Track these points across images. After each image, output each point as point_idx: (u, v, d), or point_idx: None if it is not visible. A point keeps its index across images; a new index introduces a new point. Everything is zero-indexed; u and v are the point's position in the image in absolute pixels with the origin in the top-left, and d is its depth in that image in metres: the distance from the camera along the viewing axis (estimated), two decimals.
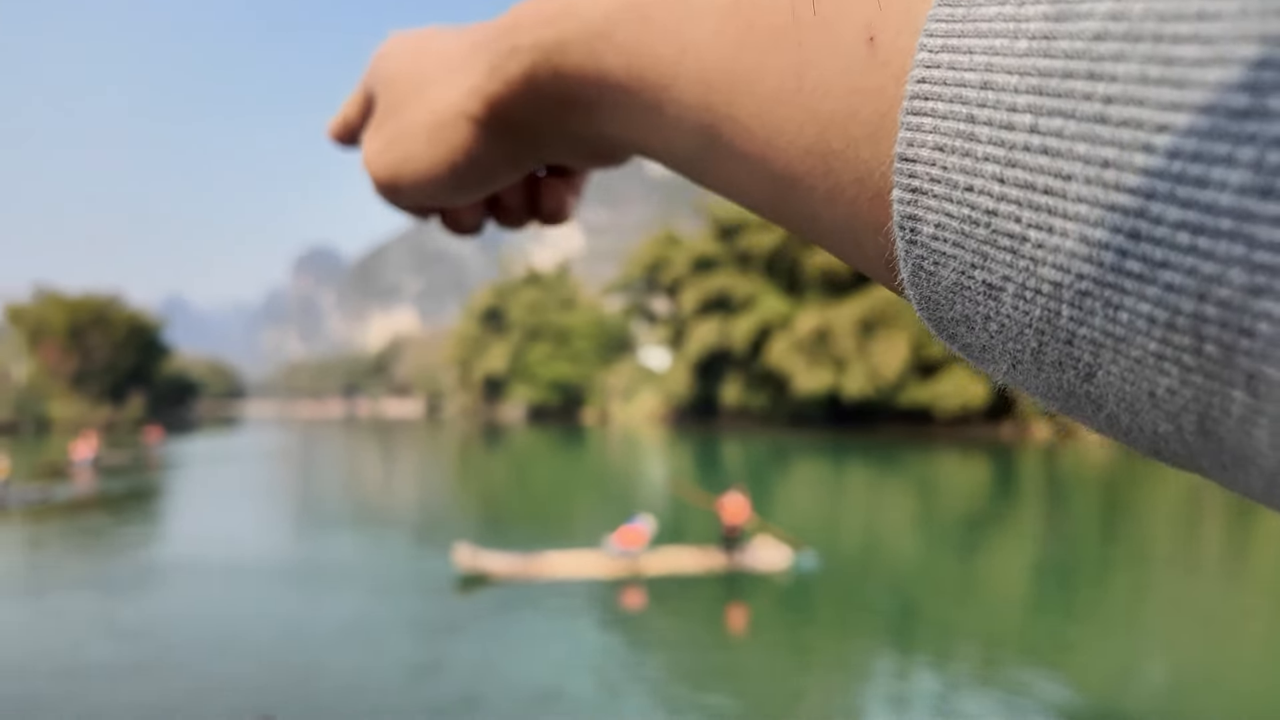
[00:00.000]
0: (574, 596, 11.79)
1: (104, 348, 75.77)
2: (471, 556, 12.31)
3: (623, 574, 12.47)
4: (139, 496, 25.50)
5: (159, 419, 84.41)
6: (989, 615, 11.20)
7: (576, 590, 12.05)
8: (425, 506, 26.74)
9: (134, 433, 56.13)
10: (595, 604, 11.52)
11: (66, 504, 22.47)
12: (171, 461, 37.81)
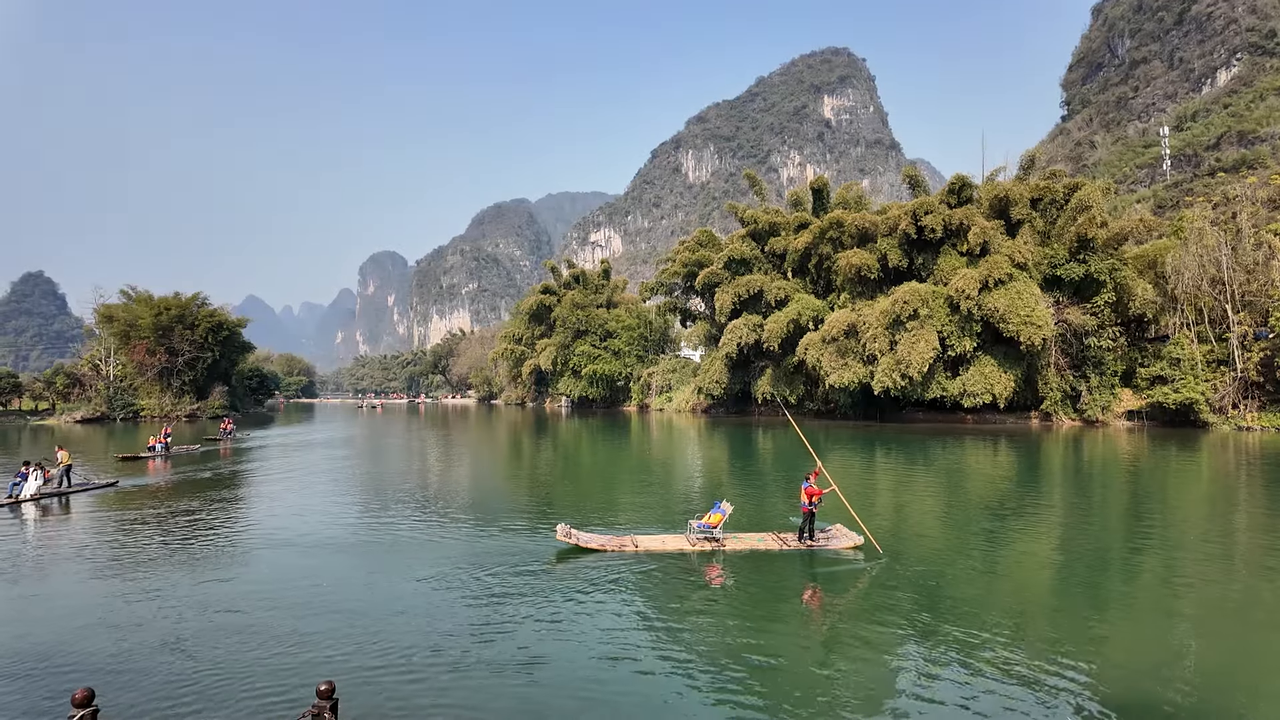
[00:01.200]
0: (660, 568, 13.07)
1: (188, 345, 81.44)
2: (569, 533, 14.35)
3: (704, 551, 14.07)
4: (207, 482, 26.87)
5: (239, 411, 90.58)
6: (1019, 599, 11.48)
7: (663, 563, 13.41)
8: (522, 486, 29.46)
9: (215, 422, 60.14)
10: (679, 575, 12.70)
11: (132, 490, 23.62)
12: (244, 448, 40.34)
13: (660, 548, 14.31)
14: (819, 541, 14.43)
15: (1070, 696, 7.78)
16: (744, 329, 67.88)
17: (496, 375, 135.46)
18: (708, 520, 14.72)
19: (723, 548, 14.27)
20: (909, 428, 53.09)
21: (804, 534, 14.50)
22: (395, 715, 7.31)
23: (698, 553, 14.04)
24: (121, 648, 9.23)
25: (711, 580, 12.55)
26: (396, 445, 44.26)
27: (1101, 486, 24.75)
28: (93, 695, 4.70)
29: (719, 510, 14.89)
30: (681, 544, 14.42)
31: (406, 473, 30.05)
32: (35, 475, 21.98)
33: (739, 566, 13.37)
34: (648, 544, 14.50)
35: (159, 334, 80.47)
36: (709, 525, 14.58)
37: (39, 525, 18.25)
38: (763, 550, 14.25)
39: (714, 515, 14.78)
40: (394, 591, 11.80)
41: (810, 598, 11.81)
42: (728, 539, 14.60)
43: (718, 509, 14.95)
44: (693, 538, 14.59)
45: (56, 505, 21.02)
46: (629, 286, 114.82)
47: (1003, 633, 9.76)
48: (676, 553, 14.03)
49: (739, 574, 12.91)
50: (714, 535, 14.52)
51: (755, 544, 14.54)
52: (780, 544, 14.52)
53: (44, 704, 7.61)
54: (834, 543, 14.46)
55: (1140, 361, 54.22)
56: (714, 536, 14.51)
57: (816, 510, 14.51)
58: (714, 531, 14.53)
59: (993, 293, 53.38)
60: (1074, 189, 58.25)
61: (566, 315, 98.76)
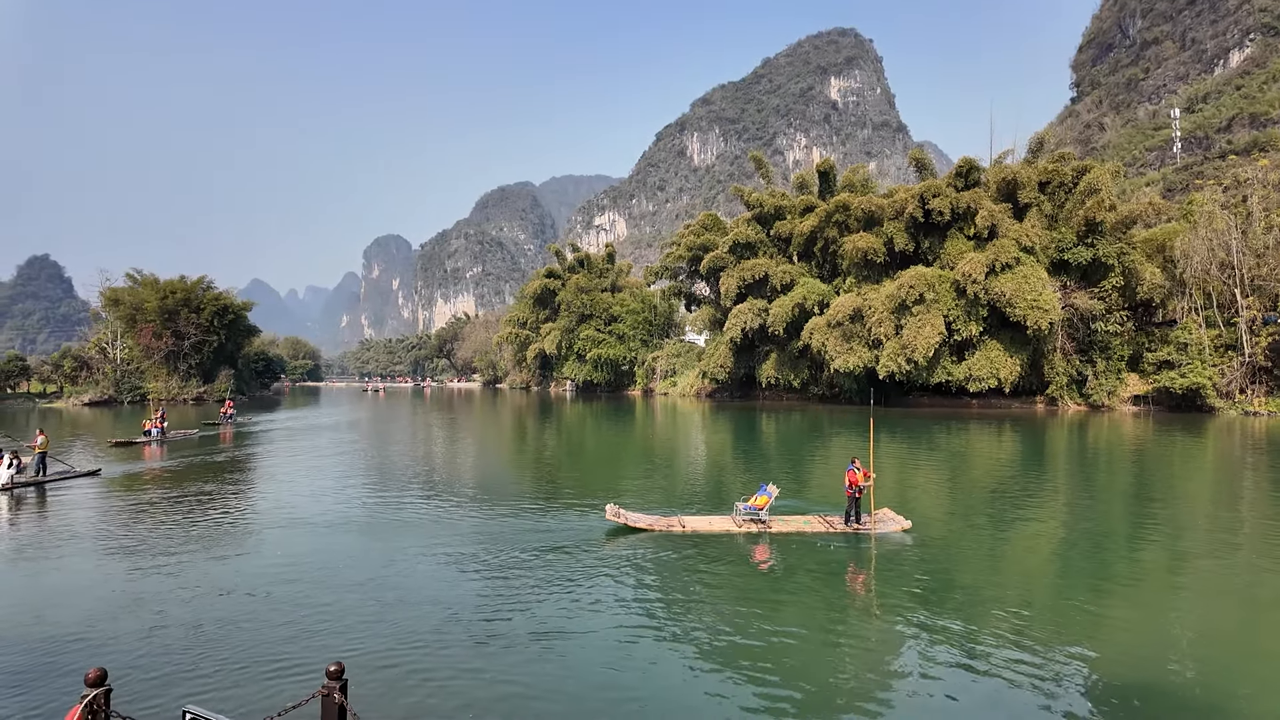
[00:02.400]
0: (706, 549, 13.23)
1: (194, 328, 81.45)
2: (618, 513, 14.57)
3: (750, 532, 14.21)
4: (203, 468, 27.05)
5: (245, 394, 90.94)
6: (1023, 581, 11.52)
7: (709, 544, 13.56)
8: (558, 465, 29.59)
9: (218, 406, 60.28)
10: (724, 555, 12.84)
11: (119, 477, 22.32)
12: (247, 432, 39.97)
13: (707, 528, 14.49)
14: (866, 525, 14.49)
15: (1077, 678, 7.85)
16: (749, 313, 67.73)
17: (501, 359, 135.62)
18: (754, 502, 14.86)
19: (769, 529, 14.41)
20: (913, 412, 53.06)
21: (850, 517, 14.59)
22: (408, 693, 7.38)
23: (744, 534, 14.18)
24: (125, 631, 9.33)
25: (757, 561, 12.64)
26: (404, 428, 44.39)
27: (1107, 470, 24.72)
28: (105, 675, 4.75)
29: (765, 492, 15.02)
30: (728, 525, 14.60)
31: (418, 456, 30.09)
32: (6, 463, 20.17)
33: (785, 548, 13.46)
34: (695, 524, 14.70)
35: (165, 317, 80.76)
36: (755, 507, 14.71)
37: (10, 515, 17.17)
38: (809, 533, 14.38)
39: (760, 497, 14.92)
40: (414, 571, 11.93)
41: (854, 580, 11.85)
42: (774, 521, 14.76)
43: (764, 491, 15.09)
44: (739, 519, 14.75)
45: (32, 495, 19.58)
46: (633, 270, 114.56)
47: (1038, 620, 9.79)
48: (723, 534, 14.18)
49: (785, 556, 13.00)
50: (760, 517, 14.66)
51: (801, 526, 14.69)
52: (827, 526, 14.64)
53: (58, 682, 7.71)
54: (882, 526, 14.52)
55: (1147, 346, 54.00)
56: (760, 518, 14.66)
57: (860, 495, 14.59)
58: (760, 513, 14.67)
59: (1000, 277, 53.12)
60: (1083, 172, 57.75)
61: (571, 299, 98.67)
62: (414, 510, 17.31)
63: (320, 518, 16.33)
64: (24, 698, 7.39)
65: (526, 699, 7.35)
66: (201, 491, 20.03)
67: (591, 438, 38.67)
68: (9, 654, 8.55)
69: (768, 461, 27.21)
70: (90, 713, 4.70)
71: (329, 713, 4.96)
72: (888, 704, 7.36)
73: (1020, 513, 16.76)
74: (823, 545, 13.66)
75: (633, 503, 17.24)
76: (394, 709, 7.07)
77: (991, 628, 9.32)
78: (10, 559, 12.98)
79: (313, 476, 23.11)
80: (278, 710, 5.73)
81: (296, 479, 22.64)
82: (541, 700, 7.33)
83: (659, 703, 7.34)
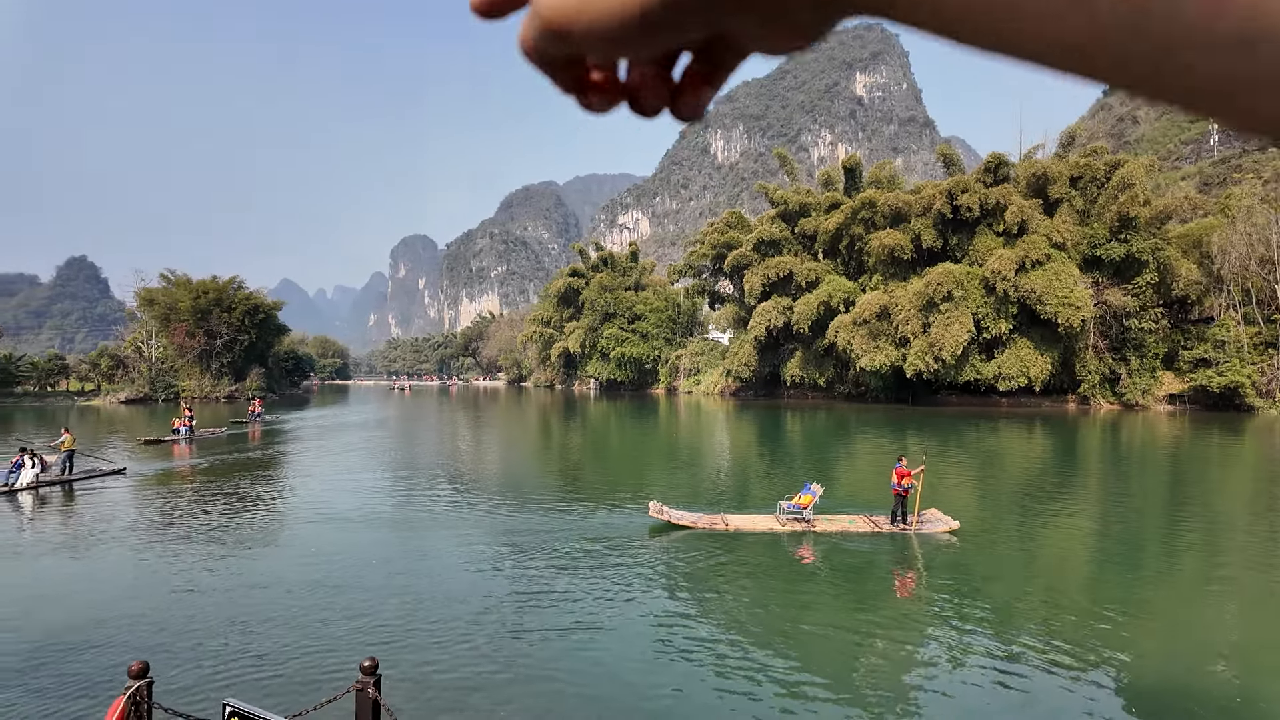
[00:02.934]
0: (750, 546, 13.28)
1: (226, 327, 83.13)
2: (660, 510, 14.69)
3: (794, 531, 14.19)
4: (231, 466, 27.52)
5: (275, 393, 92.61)
6: (1064, 582, 11.31)
7: (754, 542, 13.63)
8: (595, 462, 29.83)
9: (248, 404, 61.23)
10: (770, 553, 12.90)
11: (146, 476, 22.44)
12: (276, 430, 40.40)
13: (750, 527, 14.49)
14: (912, 525, 14.37)
15: (1113, 684, 7.73)
16: (773, 311, 67.37)
17: (525, 358, 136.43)
18: (798, 501, 14.83)
19: (813, 529, 14.36)
20: (941, 411, 52.43)
21: (896, 517, 14.47)
22: (442, 688, 7.46)
23: (788, 533, 14.16)
24: (163, 625, 9.55)
25: (800, 560, 12.59)
26: (433, 426, 44.86)
27: (1141, 470, 24.22)
28: (147, 667, 4.87)
29: (809, 491, 15.00)
30: (771, 524, 14.56)
31: (448, 453, 30.31)
32: (31, 463, 20.37)
33: (829, 548, 13.40)
34: (738, 523, 14.70)
35: (198, 317, 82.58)
36: (799, 506, 14.68)
37: (34, 514, 17.34)
38: (854, 532, 14.29)
39: (804, 496, 14.90)
40: (448, 567, 12.08)
41: (898, 581, 11.71)
42: (818, 520, 14.70)
43: (808, 490, 15.08)
44: (782, 518, 14.74)
45: (58, 494, 19.71)
46: (657, 269, 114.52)
47: (1077, 623, 9.64)
48: (766, 532, 14.19)
49: (829, 555, 12.93)
50: (804, 516, 14.62)
51: (846, 526, 14.59)
52: (872, 526, 14.52)
53: (98, 676, 7.91)
54: (928, 526, 14.39)
55: (1183, 344, 52.75)
56: (804, 517, 14.61)
57: (908, 494, 14.44)
58: (804, 512, 14.63)
59: (1030, 273, 52.26)
60: (1116, 166, 56.56)
61: (594, 298, 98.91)
62: (446, 507, 17.46)
63: (352, 513, 16.54)
64: (68, 689, 7.58)
65: (561, 695, 7.38)
66: (229, 488, 20.23)
67: (617, 436, 38.77)
68: (52, 646, 8.76)
69: (794, 460, 27.03)
70: (133, 704, 4.82)
71: (363, 707, 5.04)
72: (921, 705, 7.28)
73: (1059, 513, 16.49)
74: (868, 545, 13.51)
75: (663, 500, 17.23)
76: (428, 704, 7.14)
77: (1031, 630, 9.21)
78: (40, 556, 13.30)
79: (342, 473, 23.36)
80: (313, 704, 5.82)
81: (326, 476, 22.84)
82: (575, 696, 7.36)
83: (695, 699, 7.34)
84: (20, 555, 13.20)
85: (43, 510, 17.71)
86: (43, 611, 9.98)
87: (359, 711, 5.06)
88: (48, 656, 8.43)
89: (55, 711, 7.09)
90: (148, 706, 4.91)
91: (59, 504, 18.46)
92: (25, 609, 10.12)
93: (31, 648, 8.68)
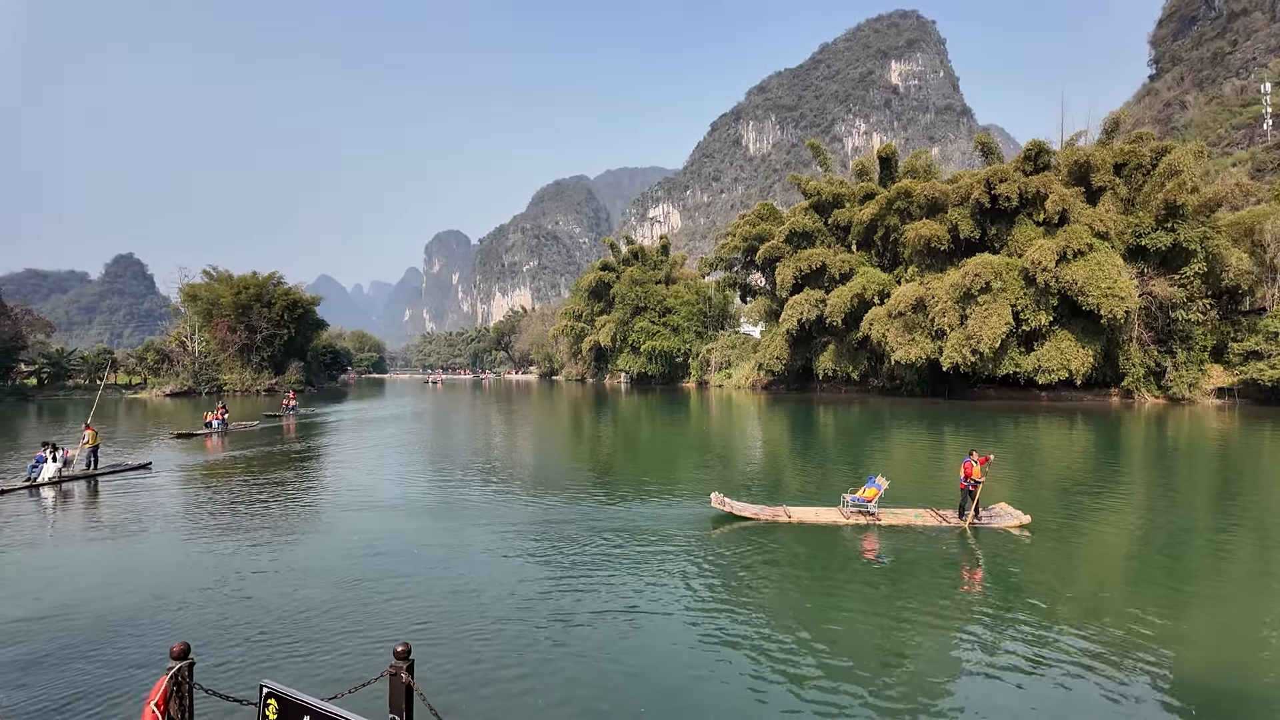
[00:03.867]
0: (811, 539, 13.28)
1: (266, 322, 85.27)
2: (722, 501, 14.85)
3: (858, 524, 14.18)
4: (261, 461, 26.30)
5: (314, 386, 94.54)
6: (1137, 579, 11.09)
7: (815, 534, 13.61)
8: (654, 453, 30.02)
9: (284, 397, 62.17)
10: (835, 545, 12.93)
11: (175, 470, 22.30)
12: (311, 424, 40.58)
13: (813, 519, 14.46)
14: (982, 519, 14.19)
15: (1151, 682, 7.56)
16: (805, 304, 66.56)
17: (557, 352, 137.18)
18: (862, 494, 14.79)
19: (878, 522, 14.27)
20: (979, 405, 51.40)
21: (965, 511, 14.28)
22: (475, 674, 7.54)
23: (852, 525, 14.11)
24: (201, 611, 9.81)
25: (863, 553, 12.52)
26: (469, 420, 45.35)
27: (1188, 466, 23.47)
28: (188, 649, 5.00)
29: (874, 485, 14.91)
30: (835, 516, 14.53)
31: (488, 446, 30.48)
32: (54, 458, 20.50)
33: (893, 541, 13.29)
34: (801, 515, 14.68)
35: (239, 312, 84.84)
36: (864, 499, 14.63)
37: (58, 508, 17.41)
38: (920, 526, 14.17)
39: (869, 489, 14.83)
40: (485, 557, 12.21)
41: (961, 575, 11.51)
42: (883, 513, 14.62)
43: (872, 483, 15.00)
44: (846, 510, 14.70)
45: (83, 489, 19.72)
46: (688, 262, 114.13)
47: (1150, 623, 9.40)
48: (829, 525, 14.17)
49: (894, 550, 12.76)
50: (869, 509, 14.55)
51: (912, 520, 14.47)
52: (940, 520, 14.37)
53: (139, 657, 8.19)
54: (998, 521, 14.17)
55: (1233, 336, 50.84)
56: (869, 510, 14.55)
57: (975, 488, 14.20)
58: (869, 505, 14.57)
59: (1071, 264, 50.84)
60: (1162, 153, 54.63)
61: (625, 292, 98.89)
62: (484, 497, 17.67)
63: (390, 502, 16.82)
64: (112, 668, 7.88)
65: (598, 686, 7.41)
66: (257, 481, 20.16)
67: (648, 429, 38.75)
68: (96, 628, 9.10)
69: (827, 453, 26.77)
70: (175, 684, 4.95)
71: (396, 692, 5.11)
72: (994, 702, 7.16)
73: (1116, 508, 16.11)
74: (935, 540, 13.33)
75: (722, 491, 17.24)
76: (461, 689, 7.23)
77: (1110, 626, 9.07)
78: (64, 545, 13.76)
79: (378, 467, 23.61)
80: (348, 688, 5.92)
81: (361, 470, 22.98)
82: (607, 684, 7.39)
83: (741, 685, 7.33)
84: (44, 545, 13.64)
85: (66, 505, 17.88)
86: (80, 601, 10.34)
87: (392, 695, 5.13)
88: (92, 641, 8.72)
89: (101, 691, 7.33)
90: (189, 687, 5.04)
91: (83, 498, 18.64)
92: (63, 597, 10.48)
93: (74, 632, 9.01)
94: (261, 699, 4.80)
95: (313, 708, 4.60)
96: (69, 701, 7.10)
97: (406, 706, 5.06)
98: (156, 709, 4.76)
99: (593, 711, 6.86)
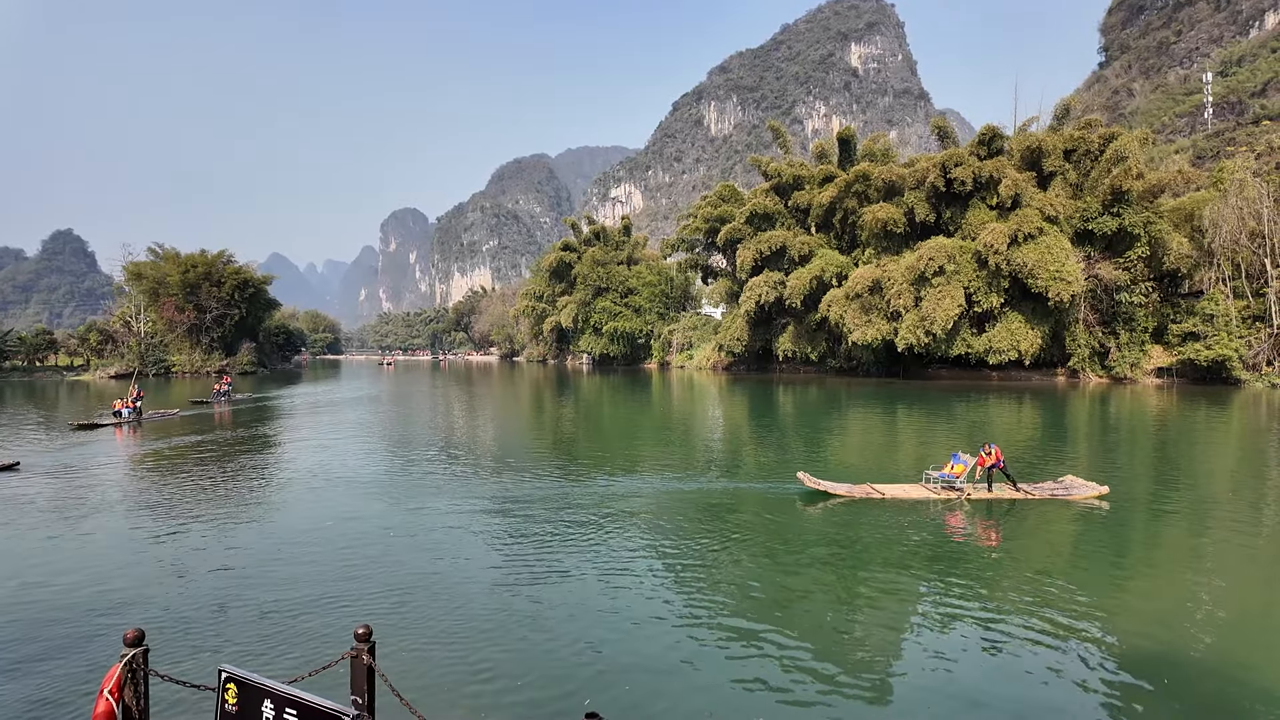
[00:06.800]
0: (902, 514, 13.69)
1: (216, 302, 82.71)
2: (811, 480, 15.27)
3: (946, 499, 14.66)
4: (166, 462, 24.24)
5: (267, 367, 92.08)
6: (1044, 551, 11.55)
7: (905, 509, 14.03)
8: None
9: (245, 379, 60.35)
10: (921, 518, 13.39)
11: (49, 470, 18.74)
12: (251, 409, 37.66)
13: (903, 495, 14.94)
14: (1059, 492, 14.98)
15: (1092, 652, 7.86)
16: (765, 286, 67.19)
17: (518, 333, 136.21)
18: (949, 469, 15.38)
19: (967, 497, 14.83)
20: (932, 385, 52.68)
21: (990, 485, 15.23)
22: (436, 655, 7.54)
23: (940, 500, 14.67)
24: (155, 596, 9.58)
25: (948, 528, 12.97)
26: (427, 403, 44.76)
27: (1129, 442, 24.45)
28: (143, 635, 4.90)
29: (960, 461, 15.45)
30: (923, 492, 15.06)
31: (450, 428, 30.18)
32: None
33: (981, 515, 13.87)
34: (891, 492, 15.16)
35: (187, 291, 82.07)
36: (952, 475, 15.23)
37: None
38: (1004, 499, 14.79)
39: (956, 465, 15.39)
40: (451, 540, 12.15)
41: (1054, 547, 11.99)
42: (969, 488, 15.14)
43: (957, 460, 15.54)
44: (933, 486, 15.27)
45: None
46: (650, 243, 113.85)
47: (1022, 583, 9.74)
48: (919, 500, 14.70)
49: (979, 525, 13.33)
50: (956, 485, 15.15)
51: (996, 493, 15.12)
52: (1023, 494, 15.00)
53: (90, 645, 7.99)
54: (1075, 492, 14.91)
55: (1172, 318, 52.94)
56: (956, 486, 15.15)
57: (1001, 467, 15.11)
58: (956, 481, 15.16)
59: (1022, 247, 52.23)
60: (1110, 139, 56.33)
61: (587, 272, 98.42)
62: (445, 480, 17.47)
63: (341, 497, 16.52)
64: (64, 658, 7.65)
65: (565, 664, 7.45)
66: (149, 487, 16.82)
67: (611, 410, 38.82)
68: (45, 618, 8.84)
69: (784, 434, 27.18)
70: (130, 671, 4.85)
71: (358, 674, 5.09)
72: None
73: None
74: (1020, 511, 14.05)
75: (650, 470, 17.31)
76: (425, 670, 7.22)
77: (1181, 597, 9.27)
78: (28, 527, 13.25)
79: (324, 464, 22.33)
80: (308, 671, 5.88)
81: (303, 468, 20.24)
82: (582, 667, 7.43)
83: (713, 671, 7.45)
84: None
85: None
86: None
87: (354, 677, 5.11)
88: (38, 629, 8.49)
89: (50, 683, 7.14)
90: (144, 674, 4.94)
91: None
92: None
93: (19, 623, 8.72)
94: (220, 683, 4.74)
95: (273, 691, 4.56)
96: (20, 699, 6.89)
97: (369, 688, 5.05)
98: (111, 697, 4.67)
99: (558, 688, 6.90)
